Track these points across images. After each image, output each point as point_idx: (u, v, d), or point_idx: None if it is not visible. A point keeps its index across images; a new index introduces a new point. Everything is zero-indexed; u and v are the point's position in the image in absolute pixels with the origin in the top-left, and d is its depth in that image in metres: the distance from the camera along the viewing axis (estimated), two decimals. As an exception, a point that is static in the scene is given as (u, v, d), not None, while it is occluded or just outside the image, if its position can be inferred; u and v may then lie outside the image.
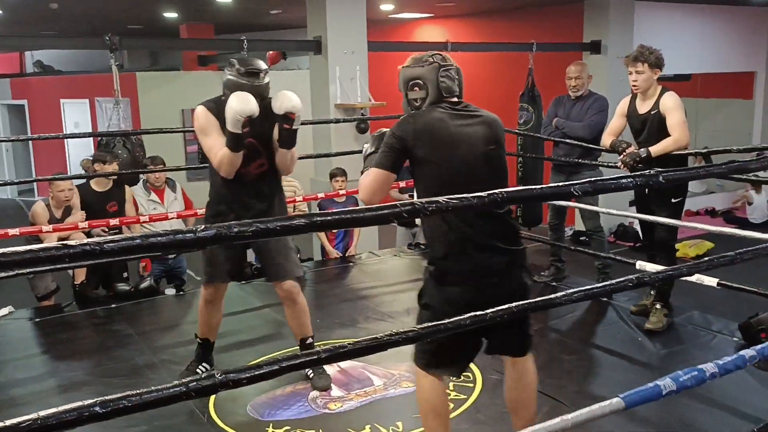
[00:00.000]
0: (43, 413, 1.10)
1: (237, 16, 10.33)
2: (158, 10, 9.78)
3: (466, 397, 3.17)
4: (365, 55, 6.64)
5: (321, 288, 4.99)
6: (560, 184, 1.64)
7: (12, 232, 4.34)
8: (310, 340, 3.34)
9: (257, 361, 3.57)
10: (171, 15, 10.32)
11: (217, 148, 3.04)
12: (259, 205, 3.19)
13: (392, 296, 4.70)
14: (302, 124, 3.15)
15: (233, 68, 3.06)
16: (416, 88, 2.37)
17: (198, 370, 3.34)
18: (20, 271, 3.66)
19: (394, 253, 5.81)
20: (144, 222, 4.73)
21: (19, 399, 3.27)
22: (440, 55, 2.41)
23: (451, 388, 3.25)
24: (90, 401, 1.14)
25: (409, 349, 3.67)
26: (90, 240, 1.08)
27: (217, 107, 3.07)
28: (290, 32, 11.89)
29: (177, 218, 4.96)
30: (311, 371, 3.35)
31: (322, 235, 5.63)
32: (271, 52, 10.26)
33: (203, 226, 1.21)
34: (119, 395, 1.16)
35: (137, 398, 1.16)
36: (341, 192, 5.46)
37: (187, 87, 10.91)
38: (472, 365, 3.45)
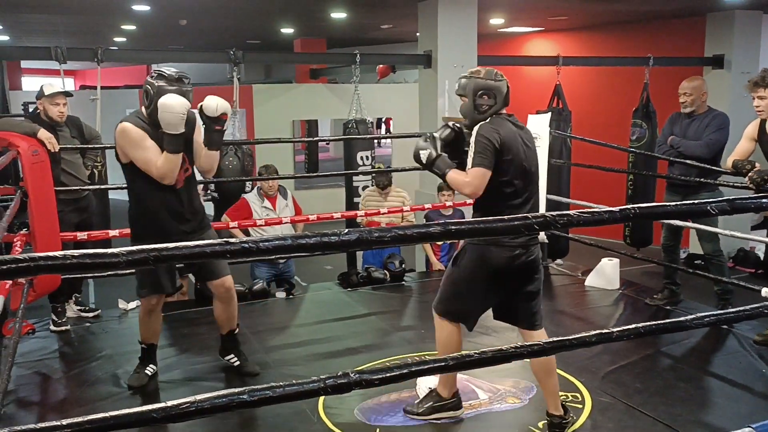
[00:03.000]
0: (199, 397, 1.19)
1: (349, 30, 10.63)
2: (276, 25, 10.24)
3: (575, 417, 3.10)
4: (475, 69, 6.65)
5: (425, 299, 5.01)
6: (695, 202, 1.60)
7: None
8: (237, 330, 3.61)
9: (370, 365, 3.67)
10: (287, 30, 10.77)
11: (155, 158, 3.07)
12: (189, 213, 3.27)
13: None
14: (412, 136, 3.22)
15: (162, 78, 3.10)
16: (485, 97, 2.79)
17: (147, 371, 3.51)
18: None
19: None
20: (260, 225, 4.96)
21: (146, 387, 3.51)
22: (501, 73, 2.86)
23: (559, 407, 3.20)
24: (239, 389, 1.23)
25: (515, 366, 3.64)
26: (248, 239, 1.18)
27: (140, 121, 3.15)
28: (399, 46, 12.08)
29: (289, 223, 5.17)
30: (236, 360, 3.60)
31: (428, 247, 5.68)
32: (380, 66, 10.49)
33: (345, 230, 1.28)
34: (265, 386, 1.24)
35: (281, 390, 1.24)
36: (448, 204, 5.50)
37: (299, 99, 11.36)
38: (580, 386, 3.41)
